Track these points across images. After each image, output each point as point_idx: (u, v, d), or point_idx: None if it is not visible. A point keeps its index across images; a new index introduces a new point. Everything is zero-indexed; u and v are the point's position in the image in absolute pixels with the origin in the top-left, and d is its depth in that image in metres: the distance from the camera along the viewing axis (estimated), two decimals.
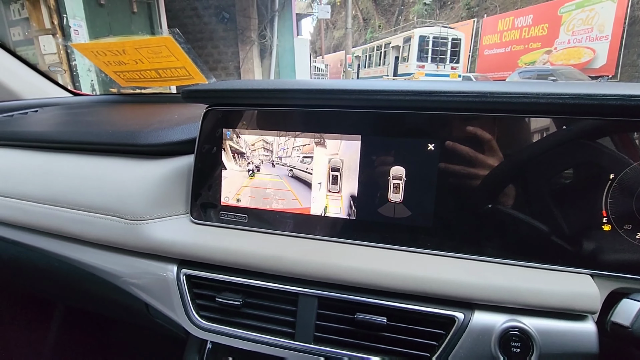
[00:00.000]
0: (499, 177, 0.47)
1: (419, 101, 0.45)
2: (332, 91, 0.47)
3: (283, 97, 0.50)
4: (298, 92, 0.49)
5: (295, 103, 0.51)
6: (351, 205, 0.52)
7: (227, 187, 0.57)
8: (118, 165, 0.62)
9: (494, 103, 0.43)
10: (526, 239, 0.46)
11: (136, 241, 0.57)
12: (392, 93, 0.45)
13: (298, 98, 0.50)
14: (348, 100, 0.47)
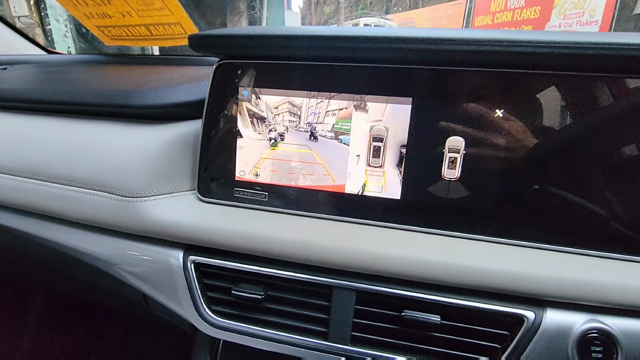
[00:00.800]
0: (579, 153, 0.39)
1: (494, 53, 0.36)
2: (382, 39, 0.37)
3: (318, 46, 0.40)
4: (337, 39, 0.39)
5: (332, 55, 0.41)
6: (396, 182, 0.43)
7: (243, 158, 0.48)
8: (108, 130, 0.51)
9: (599, 57, 0.34)
10: (610, 226, 0.39)
11: (133, 222, 0.48)
12: (463, 42, 0.36)
13: (336, 48, 0.40)
14: (401, 52, 0.38)
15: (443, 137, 0.41)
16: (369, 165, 0.44)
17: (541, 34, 0.35)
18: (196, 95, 0.50)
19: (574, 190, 0.39)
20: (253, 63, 0.45)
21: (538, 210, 0.40)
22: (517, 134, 0.39)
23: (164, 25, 0.87)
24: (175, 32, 0.88)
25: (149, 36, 0.91)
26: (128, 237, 0.50)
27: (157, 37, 0.91)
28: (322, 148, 0.45)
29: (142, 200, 0.47)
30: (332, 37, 0.39)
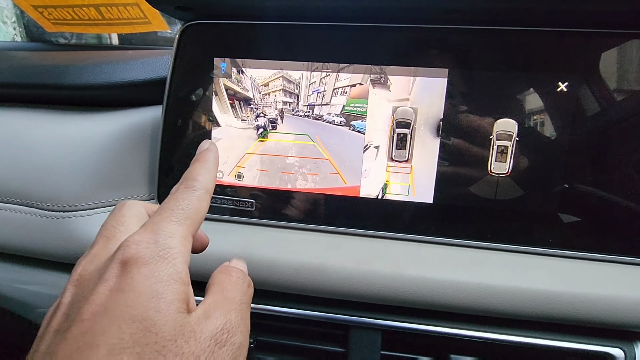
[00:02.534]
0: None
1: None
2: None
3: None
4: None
5: (339, 12, 0.30)
6: (428, 181, 0.33)
7: (220, 155, 0.35)
8: (30, 120, 0.37)
9: None
10: None
11: (63, 246, 0.34)
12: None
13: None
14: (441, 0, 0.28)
15: (490, 119, 0.31)
16: (392, 159, 0.33)
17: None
18: (155, 73, 0.38)
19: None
20: (233, 24, 0.33)
21: (619, 214, 0.30)
22: (590, 114, 0.30)
23: (118, 6, 0.73)
24: (133, 16, 0.75)
25: (100, 20, 0.77)
26: (57, 268, 0.36)
27: (111, 21, 0.77)
28: (329, 138, 0.34)
29: (77, 214, 0.34)
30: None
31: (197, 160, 0.24)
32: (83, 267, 0.19)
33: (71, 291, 0.18)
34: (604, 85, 0.30)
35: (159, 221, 0.19)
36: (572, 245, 0.31)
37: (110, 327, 0.15)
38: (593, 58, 0.30)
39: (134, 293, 0.16)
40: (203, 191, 0.22)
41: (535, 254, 0.32)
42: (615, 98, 0.30)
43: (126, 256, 0.17)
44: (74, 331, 0.16)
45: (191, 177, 0.22)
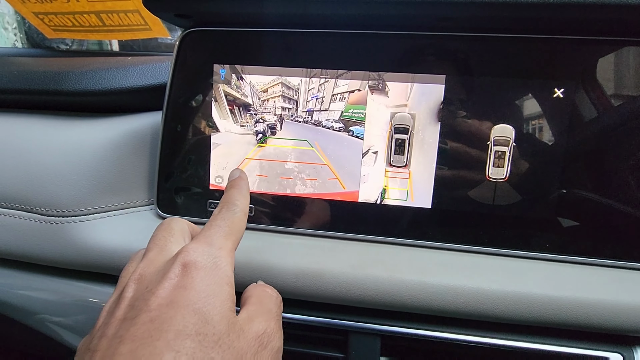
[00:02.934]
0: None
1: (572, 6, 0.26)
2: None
3: (322, 5, 0.29)
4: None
5: (344, 13, 0.30)
6: (426, 186, 0.33)
7: (219, 160, 0.35)
8: (30, 125, 0.37)
9: None
10: None
11: (62, 251, 0.34)
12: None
13: (345, 4, 0.29)
14: (439, 8, 0.28)
15: (487, 125, 0.32)
16: (390, 164, 0.33)
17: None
18: (155, 79, 0.38)
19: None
20: (233, 31, 0.34)
21: (617, 219, 0.31)
22: (587, 120, 0.30)
23: (119, 13, 0.74)
24: (133, 23, 0.75)
25: (100, 27, 0.77)
26: (56, 273, 0.36)
27: (112, 28, 0.77)
28: (328, 144, 0.34)
29: (77, 220, 0.34)
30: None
31: (232, 186, 0.28)
32: (142, 268, 0.22)
33: (133, 287, 0.21)
34: (600, 91, 0.30)
35: (210, 235, 0.23)
36: (570, 250, 0.32)
37: (176, 316, 0.18)
38: (589, 64, 0.30)
39: (195, 290, 0.19)
40: (242, 213, 0.26)
41: (533, 258, 0.32)
42: (611, 104, 0.30)
43: (187, 260, 0.21)
44: (143, 318, 0.18)
45: (230, 201, 0.26)
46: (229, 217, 0.24)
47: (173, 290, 0.19)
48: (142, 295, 0.20)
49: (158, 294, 0.19)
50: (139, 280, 0.21)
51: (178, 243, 0.24)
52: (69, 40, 0.92)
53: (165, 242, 0.24)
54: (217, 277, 0.21)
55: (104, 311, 0.21)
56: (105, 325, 0.19)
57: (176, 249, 0.22)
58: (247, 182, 0.29)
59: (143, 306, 0.19)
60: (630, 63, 0.30)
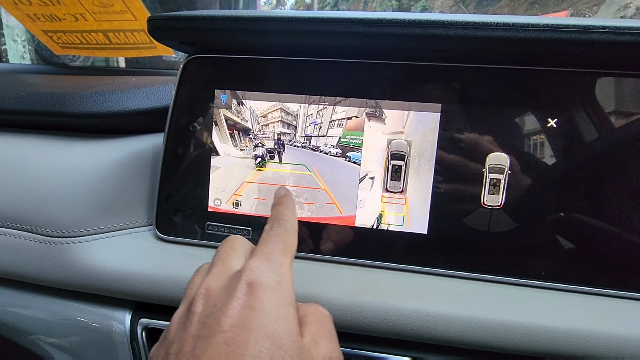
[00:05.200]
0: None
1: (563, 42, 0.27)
2: (412, 23, 0.28)
3: (321, 30, 0.30)
4: (348, 23, 0.29)
5: (338, 42, 0.31)
6: (422, 212, 0.33)
7: (219, 183, 0.36)
8: (32, 146, 0.38)
9: None
10: None
11: (60, 272, 0.34)
12: (520, 28, 0.27)
13: (344, 34, 0.30)
14: (435, 41, 0.29)
15: (482, 153, 0.32)
16: (387, 190, 0.34)
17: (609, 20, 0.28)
18: (158, 102, 0.39)
19: None
20: (235, 58, 0.35)
21: (613, 247, 0.31)
22: (580, 149, 0.31)
23: (125, 32, 0.76)
24: (139, 41, 0.77)
25: (107, 45, 0.79)
26: (51, 293, 0.36)
27: (118, 46, 0.79)
28: (325, 168, 0.35)
29: (76, 240, 0.34)
30: (343, 20, 0.29)
31: (279, 203, 0.29)
32: (208, 282, 0.22)
33: (201, 302, 0.21)
34: (593, 120, 0.31)
35: (269, 252, 0.23)
36: (566, 278, 0.32)
37: (250, 340, 0.19)
38: (582, 95, 0.31)
39: (264, 312, 0.20)
40: (292, 229, 0.26)
41: (530, 286, 0.32)
42: (604, 132, 0.31)
43: (252, 279, 0.21)
44: (218, 339, 0.19)
45: (281, 217, 0.27)
46: (282, 233, 0.25)
47: (242, 310, 0.20)
48: (212, 313, 0.20)
49: (228, 314, 0.20)
50: (205, 295, 0.22)
51: (239, 259, 0.25)
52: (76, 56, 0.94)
53: (227, 258, 0.24)
54: (282, 298, 0.21)
55: (174, 323, 0.22)
56: (180, 340, 0.20)
57: (238, 265, 0.23)
58: (293, 199, 0.30)
59: (215, 326, 0.19)
60: (621, 93, 0.31)
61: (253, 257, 0.23)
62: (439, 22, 0.28)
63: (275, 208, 0.28)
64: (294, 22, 0.29)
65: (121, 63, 1.10)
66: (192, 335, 0.20)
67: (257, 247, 0.24)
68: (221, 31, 0.31)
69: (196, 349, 0.19)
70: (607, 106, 0.31)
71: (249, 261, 0.22)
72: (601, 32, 0.26)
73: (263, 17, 0.30)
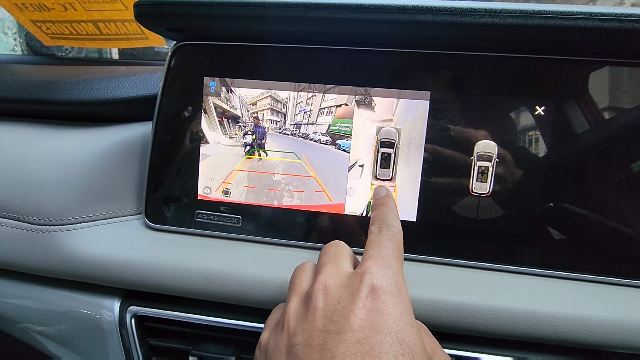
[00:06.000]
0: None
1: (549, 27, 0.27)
2: (400, 9, 0.28)
3: (309, 16, 0.30)
4: (335, 9, 0.29)
5: (326, 29, 0.31)
6: (411, 200, 0.33)
7: (208, 171, 0.36)
8: (20, 134, 0.38)
9: None
10: None
11: (49, 260, 0.34)
12: (508, 14, 0.27)
13: (332, 20, 0.30)
14: (423, 27, 0.29)
15: (471, 141, 0.32)
16: (376, 177, 0.34)
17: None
18: (146, 90, 0.38)
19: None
20: (223, 45, 0.34)
21: (599, 234, 0.31)
22: (568, 137, 0.31)
23: (116, 22, 0.75)
24: (130, 31, 0.76)
25: (97, 35, 0.78)
26: (40, 281, 0.36)
27: (109, 36, 0.78)
28: (315, 156, 0.35)
29: (63, 229, 0.34)
30: (331, 5, 0.29)
31: (383, 204, 0.28)
32: (325, 278, 0.23)
33: (322, 297, 0.22)
34: (581, 109, 0.31)
35: (385, 257, 0.24)
36: (553, 265, 0.32)
37: (384, 343, 0.19)
38: (570, 83, 0.31)
39: (392, 318, 0.20)
40: (401, 234, 0.26)
41: (517, 272, 0.33)
42: (592, 122, 0.31)
43: (374, 282, 0.21)
44: (350, 337, 0.19)
45: (387, 220, 0.26)
46: (392, 237, 0.25)
47: (369, 313, 0.20)
48: (337, 310, 0.21)
49: (356, 313, 0.20)
50: (325, 291, 0.22)
51: (347, 262, 0.25)
52: (69, 47, 0.92)
53: (337, 259, 0.25)
54: (405, 305, 0.21)
55: (290, 314, 0.22)
56: (306, 332, 0.20)
57: (347, 268, 0.24)
58: (394, 201, 0.29)
59: (344, 324, 0.20)
60: (609, 82, 0.31)
61: (369, 260, 0.23)
62: (426, 8, 0.28)
63: (379, 209, 0.28)
64: (281, 8, 0.29)
65: (114, 55, 1.08)
66: (319, 329, 0.20)
67: (370, 250, 0.24)
68: (209, 17, 0.30)
69: (327, 342, 0.19)
70: (596, 95, 0.31)
71: (368, 264, 0.23)
72: (587, 19, 0.27)
73: (251, 3, 0.30)
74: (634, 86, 0.30)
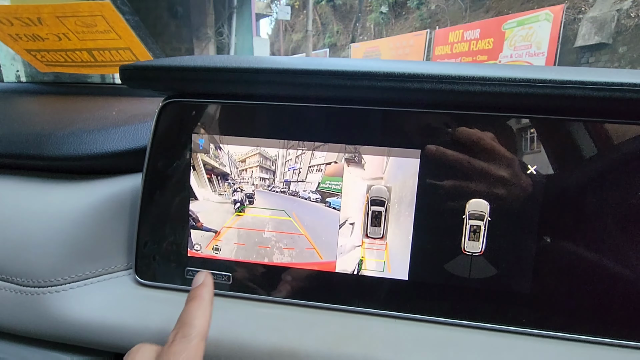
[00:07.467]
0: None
1: (538, 97, 0.27)
2: (386, 76, 0.28)
3: (297, 83, 0.30)
4: (322, 75, 0.29)
5: (316, 93, 0.31)
6: (402, 258, 0.33)
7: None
8: (7, 190, 0.37)
9: None
10: None
11: (37, 323, 0.33)
12: (495, 82, 0.27)
13: (320, 86, 0.30)
14: (412, 93, 0.28)
15: (462, 199, 0.32)
16: (367, 236, 0.33)
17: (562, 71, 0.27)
18: (136, 142, 0.38)
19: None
20: (211, 102, 0.34)
21: (593, 294, 0.31)
22: (561, 196, 0.31)
23: (110, 50, 0.75)
24: (124, 59, 0.76)
25: (92, 62, 0.78)
26: (25, 342, 0.35)
27: (103, 63, 0.78)
28: (305, 214, 0.34)
29: (53, 290, 0.34)
30: (318, 72, 0.28)
31: (192, 298, 0.26)
32: None
33: None
34: (573, 168, 0.31)
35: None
36: (548, 325, 0.32)
37: None
38: (562, 143, 0.30)
39: None
40: (199, 338, 0.23)
41: (511, 332, 0.32)
42: (584, 179, 0.31)
43: None
44: None
45: (187, 322, 0.24)
46: (183, 349, 0.23)
47: None
48: None
49: None
50: None
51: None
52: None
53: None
54: None
55: None
56: None
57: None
58: (211, 288, 0.27)
59: None
60: (600, 139, 0.30)
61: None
62: (414, 76, 0.27)
63: (186, 306, 0.25)
64: (268, 74, 0.29)
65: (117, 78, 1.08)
66: None
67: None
68: (194, 81, 0.30)
69: None
70: (588, 152, 0.31)
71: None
72: (577, 88, 0.26)
73: (237, 68, 0.29)
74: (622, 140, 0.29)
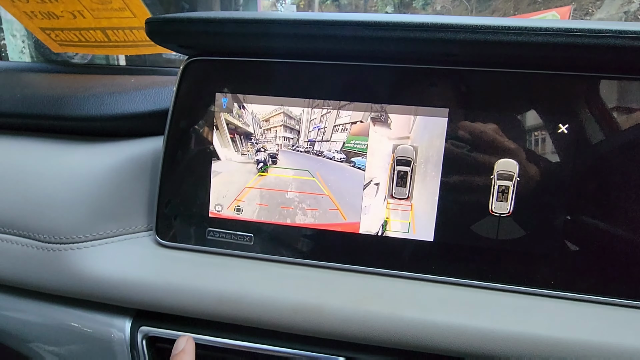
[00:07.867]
0: None
1: (577, 47, 0.26)
2: (419, 26, 0.27)
3: (328, 34, 0.29)
4: (354, 26, 0.28)
5: (344, 46, 0.30)
6: (428, 219, 0.32)
7: (220, 188, 0.35)
8: (29, 150, 0.37)
9: None
10: None
11: (59, 279, 0.33)
12: (534, 32, 0.26)
13: (351, 38, 0.29)
14: (442, 45, 0.28)
15: (490, 159, 0.31)
16: (392, 196, 0.33)
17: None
18: (157, 104, 0.38)
19: None
20: (235, 60, 0.34)
21: (624, 255, 0.30)
22: (591, 155, 0.30)
23: (124, 29, 0.74)
24: (138, 39, 0.76)
25: (106, 42, 0.78)
26: (50, 300, 0.35)
27: (117, 43, 0.78)
28: (329, 174, 0.34)
29: (74, 247, 0.34)
30: (349, 22, 0.28)
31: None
32: None
33: None
34: (603, 125, 0.30)
35: None
36: (576, 287, 0.31)
37: None
38: (592, 99, 0.30)
39: None
40: None
41: (538, 295, 0.32)
42: (614, 137, 0.30)
43: None
44: None
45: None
46: None
47: None
48: None
49: None
50: None
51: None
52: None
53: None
54: None
55: None
56: None
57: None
58: (192, 355, 0.28)
59: None
60: (631, 97, 0.30)
61: None
62: (447, 26, 0.27)
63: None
64: (296, 25, 0.29)
65: (121, 60, 1.08)
66: None
67: None
68: (221, 34, 0.30)
69: None
70: (618, 110, 0.30)
71: None
72: (616, 37, 0.25)
73: (264, 19, 0.29)
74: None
